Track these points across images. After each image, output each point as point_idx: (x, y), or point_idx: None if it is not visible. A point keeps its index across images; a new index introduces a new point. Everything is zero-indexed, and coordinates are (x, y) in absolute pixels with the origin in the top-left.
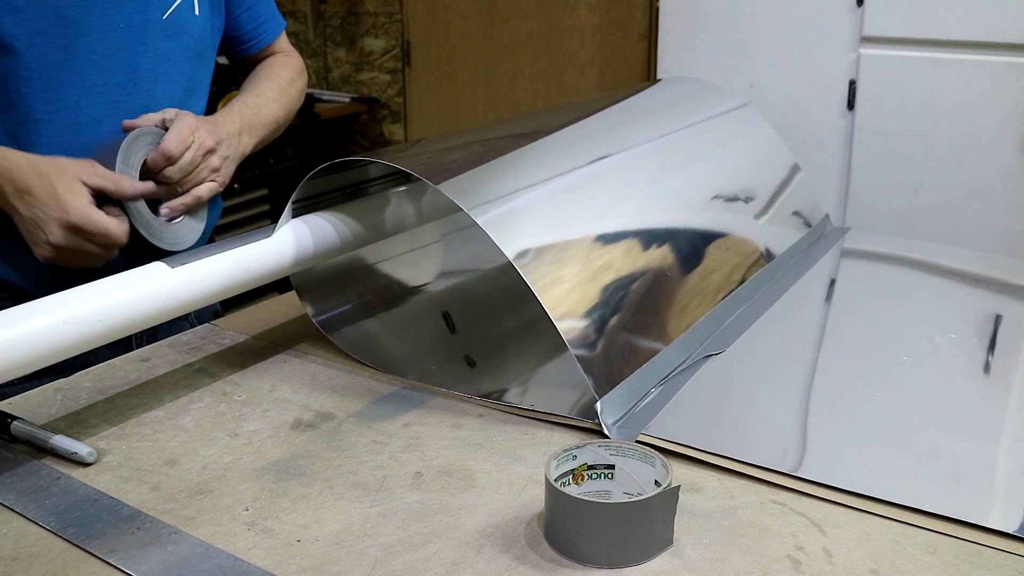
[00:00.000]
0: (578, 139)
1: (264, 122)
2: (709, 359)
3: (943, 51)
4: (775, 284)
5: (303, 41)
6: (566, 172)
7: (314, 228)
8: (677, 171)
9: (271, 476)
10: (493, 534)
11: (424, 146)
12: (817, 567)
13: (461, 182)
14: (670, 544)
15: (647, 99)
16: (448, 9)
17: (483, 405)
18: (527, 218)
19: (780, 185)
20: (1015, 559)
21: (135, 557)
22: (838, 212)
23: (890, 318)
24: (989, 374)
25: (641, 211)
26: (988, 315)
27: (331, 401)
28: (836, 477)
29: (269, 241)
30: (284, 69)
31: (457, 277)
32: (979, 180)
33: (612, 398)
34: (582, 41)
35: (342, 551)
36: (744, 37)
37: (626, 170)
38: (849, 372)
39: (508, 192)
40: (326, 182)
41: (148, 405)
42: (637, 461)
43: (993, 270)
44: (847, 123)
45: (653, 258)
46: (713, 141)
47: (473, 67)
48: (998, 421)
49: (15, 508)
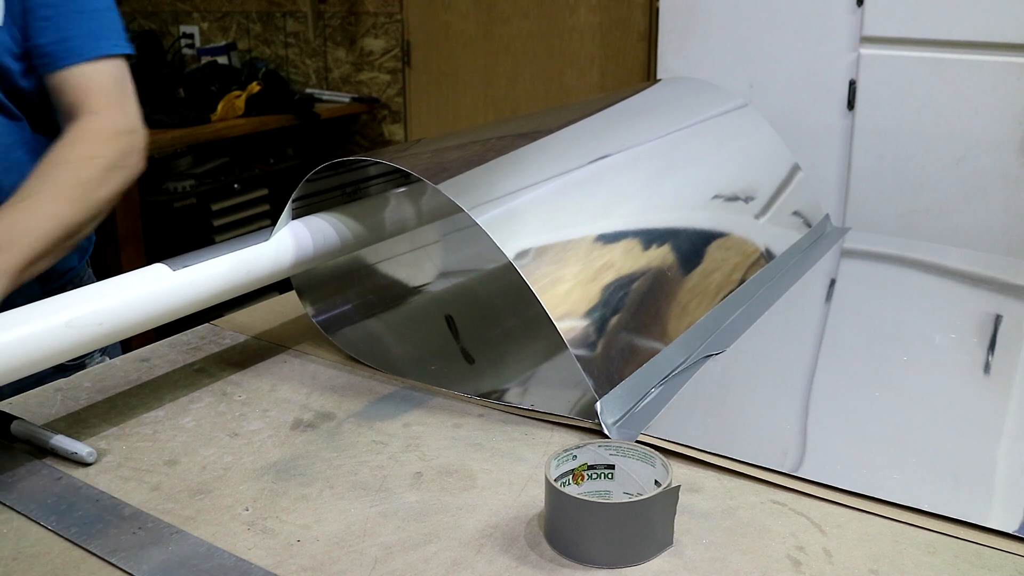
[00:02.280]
0: (578, 139)
1: (39, 232)
2: (709, 359)
3: (943, 51)
4: (775, 284)
5: (303, 41)
6: (566, 172)
7: (314, 230)
8: (677, 171)
9: (271, 476)
10: (493, 534)
11: (424, 146)
12: (817, 567)
13: (461, 182)
14: (670, 544)
15: (647, 99)
16: (448, 9)
17: (483, 405)
18: (527, 218)
19: (780, 185)
20: (1015, 559)
21: (136, 557)
22: (838, 212)
23: (890, 318)
24: (989, 374)
25: (641, 211)
26: (988, 315)
27: (331, 401)
28: (836, 477)
29: (269, 244)
30: (80, 144)
31: (457, 277)
32: (979, 180)
33: (612, 398)
34: (582, 41)
35: (342, 551)
36: (744, 37)
37: (626, 170)
38: (849, 372)
39: (508, 192)
40: (326, 182)
41: (148, 405)
42: (637, 461)
43: (993, 270)
44: (847, 123)
45: (653, 258)
46: (713, 141)
47: (473, 67)
48: (998, 421)
49: (15, 508)
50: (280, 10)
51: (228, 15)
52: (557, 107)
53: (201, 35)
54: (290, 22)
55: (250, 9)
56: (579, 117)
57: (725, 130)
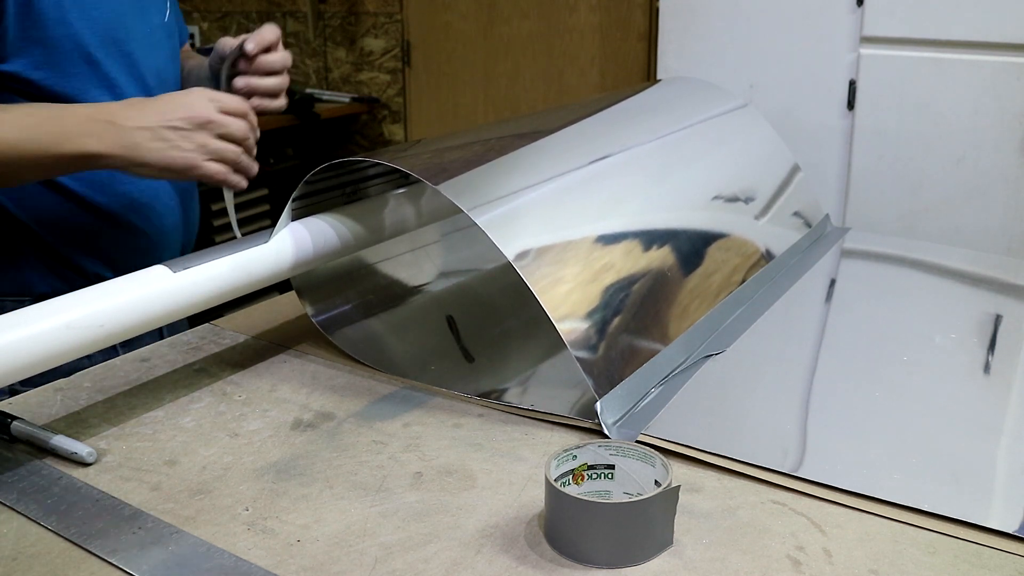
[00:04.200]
0: (578, 139)
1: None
2: (709, 359)
3: (943, 51)
4: (775, 284)
5: (303, 41)
6: (566, 172)
7: (314, 231)
8: (677, 171)
9: (271, 476)
10: (493, 534)
11: (424, 146)
12: (817, 567)
13: (461, 182)
14: (670, 544)
15: (647, 99)
16: (448, 9)
17: (483, 405)
18: (527, 219)
19: (780, 185)
20: (1015, 559)
21: (136, 557)
22: (838, 212)
23: (890, 318)
24: (989, 374)
25: (641, 211)
26: (988, 315)
27: (331, 401)
28: (836, 477)
29: (268, 246)
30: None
31: (457, 277)
32: (979, 180)
33: (612, 398)
34: (582, 41)
35: (342, 551)
36: (744, 37)
37: (626, 170)
38: (849, 372)
39: (508, 192)
40: (325, 182)
41: (148, 405)
42: (637, 461)
43: (993, 270)
44: (847, 123)
45: (654, 259)
46: (713, 141)
47: (473, 67)
48: (998, 421)
49: (16, 508)
50: (280, 10)
51: (228, 15)
52: (557, 107)
53: (201, 35)
54: (290, 22)
55: (250, 9)
56: (579, 117)
57: (725, 130)
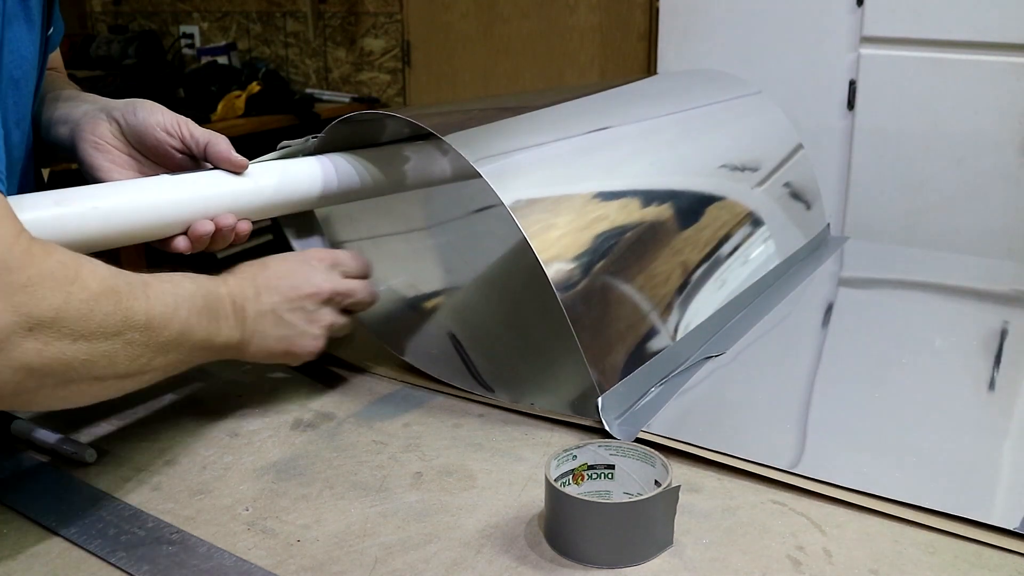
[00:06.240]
0: (590, 108)
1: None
2: (709, 360)
3: (943, 51)
4: (775, 290)
5: (303, 41)
6: (574, 136)
7: (337, 164)
8: (684, 143)
9: (271, 476)
10: (493, 534)
11: (439, 107)
12: (817, 567)
13: (468, 136)
14: (670, 544)
15: (664, 81)
16: (448, 9)
17: (483, 405)
18: (529, 172)
19: (782, 160)
20: (1015, 559)
21: (136, 557)
22: (838, 212)
23: (890, 321)
24: (989, 374)
25: (644, 174)
26: (988, 316)
27: (331, 401)
28: (836, 477)
29: (306, 161)
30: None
31: (457, 277)
32: (979, 180)
33: (613, 395)
34: (582, 41)
35: (342, 551)
36: (744, 37)
37: (634, 139)
38: (849, 374)
39: (514, 148)
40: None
41: (148, 405)
42: (637, 461)
43: (994, 274)
44: (847, 123)
45: (648, 214)
46: (722, 120)
47: (473, 67)
48: (998, 420)
49: (15, 508)
50: (280, 10)
51: (228, 15)
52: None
53: (201, 35)
54: (290, 22)
55: (250, 9)
56: (595, 91)
57: (737, 111)
